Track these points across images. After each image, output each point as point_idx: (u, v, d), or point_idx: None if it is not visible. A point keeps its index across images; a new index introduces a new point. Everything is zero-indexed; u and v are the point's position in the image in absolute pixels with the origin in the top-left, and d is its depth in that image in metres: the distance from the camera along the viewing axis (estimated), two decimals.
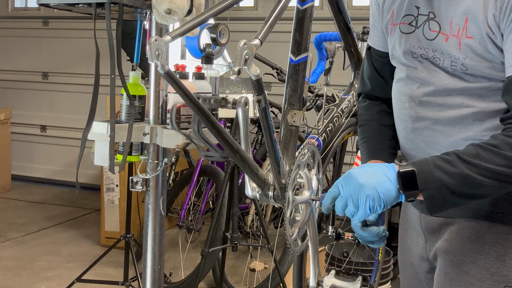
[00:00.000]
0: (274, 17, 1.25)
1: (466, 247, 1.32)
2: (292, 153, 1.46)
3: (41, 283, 3.35)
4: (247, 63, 1.10)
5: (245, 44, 1.10)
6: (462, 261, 1.32)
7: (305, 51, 1.44)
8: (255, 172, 1.35)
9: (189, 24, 1.18)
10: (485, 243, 1.29)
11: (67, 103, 5.59)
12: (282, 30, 1.48)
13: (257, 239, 3.51)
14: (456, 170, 1.12)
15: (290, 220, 1.39)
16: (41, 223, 4.46)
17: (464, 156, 1.13)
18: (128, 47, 2.32)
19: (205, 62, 1.88)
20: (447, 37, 1.25)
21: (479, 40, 1.19)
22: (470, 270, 1.31)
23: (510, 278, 1.27)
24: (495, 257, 1.28)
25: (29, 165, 5.79)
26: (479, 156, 1.12)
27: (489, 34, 1.18)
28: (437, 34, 1.28)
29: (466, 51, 1.22)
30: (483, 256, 1.29)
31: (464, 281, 1.31)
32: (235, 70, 1.09)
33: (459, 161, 1.13)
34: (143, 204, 1.99)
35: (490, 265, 1.28)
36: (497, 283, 1.28)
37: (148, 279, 1.97)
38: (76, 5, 1.80)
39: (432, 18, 1.28)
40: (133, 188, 1.92)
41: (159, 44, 1.07)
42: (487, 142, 1.15)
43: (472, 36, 1.20)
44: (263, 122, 1.29)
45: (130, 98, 1.82)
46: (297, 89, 1.47)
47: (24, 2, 5.92)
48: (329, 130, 1.79)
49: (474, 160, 1.12)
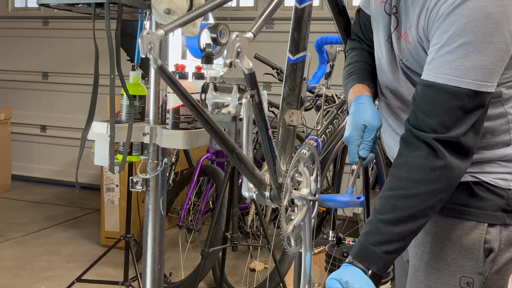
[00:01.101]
0: (269, 11, 1.23)
1: (427, 239, 1.35)
2: (289, 153, 1.45)
3: (41, 283, 3.35)
4: (240, 56, 1.07)
5: (237, 37, 1.07)
6: (423, 252, 1.35)
7: (303, 50, 1.43)
8: (251, 171, 1.33)
9: (182, 19, 1.16)
10: (442, 234, 1.32)
11: (67, 103, 5.58)
12: (282, 30, 1.48)
13: (257, 239, 3.51)
14: (387, 236, 1.19)
15: (286, 217, 1.38)
16: (41, 223, 4.46)
17: (384, 217, 1.20)
18: (128, 47, 2.33)
19: (205, 62, 1.88)
20: (400, 36, 1.31)
21: (414, 47, 1.26)
22: (429, 260, 1.34)
23: (466, 268, 1.30)
24: (451, 248, 1.31)
25: (29, 165, 5.79)
26: (396, 208, 1.19)
27: (420, 42, 1.24)
28: (394, 29, 1.32)
29: (407, 54, 1.28)
30: (439, 246, 1.33)
31: (425, 272, 1.35)
32: (227, 62, 1.06)
33: (384, 226, 1.20)
34: (143, 204, 1.99)
35: (447, 255, 1.32)
36: (453, 273, 1.31)
37: (148, 279, 1.97)
38: (76, 5, 1.80)
39: (394, 13, 1.32)
40: (133, 188, 1.92)
41: (151, 37, 1.04)
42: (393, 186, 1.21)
43: (411, 42, 1.26)
44: (257, 118, 1.27)
45: (129, 98, 1.82)
46: (295, 88, 1.45)
47: (24, 2, 5.92)
48: (329, 132, 1.78)
49: (394, 215, 1.19)
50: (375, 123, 1.32)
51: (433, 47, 1.18)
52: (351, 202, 1.34)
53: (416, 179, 1.18)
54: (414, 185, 1.18)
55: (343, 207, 1.43)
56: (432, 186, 1.18)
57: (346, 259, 1.24)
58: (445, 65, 1.16)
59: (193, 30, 1.76)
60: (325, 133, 1.76)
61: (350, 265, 1.21)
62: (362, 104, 1.35)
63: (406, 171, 1.20)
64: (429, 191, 1.18)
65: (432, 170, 1.17)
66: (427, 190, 1.18)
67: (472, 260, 1.29)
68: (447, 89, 1.15)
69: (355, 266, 1.20)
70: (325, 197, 1.41)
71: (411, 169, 1.19)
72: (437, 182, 1.18)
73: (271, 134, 1.32)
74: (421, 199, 1.18)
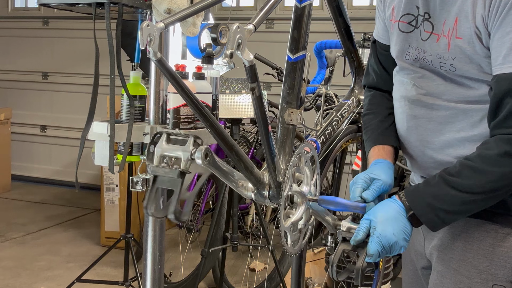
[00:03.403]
0: (270, 5, 1.23)
1: (456, 245, 1.32)
2: (289, 152, 1.44)
3: (41, 283, 3.35)
4: (240, 48, 1.06)
5: (238, 28, 1.06)
6: (452, 258, 1.33)
7: (303, 49, 1.43)
8: (250, 169, 1.31)
9: (184, 12, 1.14)
10: (473, 241, 1.29)
11: (67, 103, 5.59)
12: (282, 30, 1.47)
13: (257, 239, 3.51)
14: (443, 192, 1.19)
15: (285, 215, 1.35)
16: (41, 223, 4.46)
17: (447, 178, 1.20)
18: (128, 47, 2.32)
19: (206, 62, 1.88)
20: (438, 37, 1.27)
21: (468, 40, 1.21)
22: (459, 267, 1.31)
23: (498, 277, 1.27)
24: (484, 255, 1.29)
25: (29, 165, 5.79)
26: (461, 174, 1.19)
27: (477, 34, 1.20)
28: (430, 34, 1.29)
29: (455, 51, 1.24)
30: (471, 254, 1.30)
31: (453, 279, 1.32)
32: (227, 53, 1.04)
33: (443, 184, 1.20)
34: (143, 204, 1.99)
35: (479, 263, 1.29)
36: (485, 281, 1.28)
37: (148, 279, 1.97)
38: (76, 5, 1.80)
39: (427, 19, 1.30)
40: (133, 188, 1.91)
41: (151, 29, 1.02)
42: (470, 157, 1.20)
43: (462, 37, 1.22)
44: (257, 112, 1.24)
45: (130, 98, 1.82)
46: (295, 87, 1.45)
47: (24, 2, 5.92)
48: (328, 134, 1.77)
49: (457, 180, 1.19)
50: (387, 180, 1.31)
51: (505, 36, 1.14)
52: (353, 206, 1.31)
53: (491, 160, 1.16)
54: (486, 164, 1.17)
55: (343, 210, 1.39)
56: (503, 169, 1.16)
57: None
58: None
59: (194, 30, 1.76)
60: (324, 134, 1.75)
61: (395, 200, 1.22)
62: (380, 163, 1.36)
63: (486, 149, 1.18)
64: (498, 172, 1.16)
65: (506, 156, 1.15)
66: (497, 171, 1.16)
67: (505, 269, 1.27)
68: None
69: (401, 201, 1.21)
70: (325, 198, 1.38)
71: (490, 147, 1.17)
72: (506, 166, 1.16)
73: (271, 131, 1.30)
74: (486, 177, 1.16)
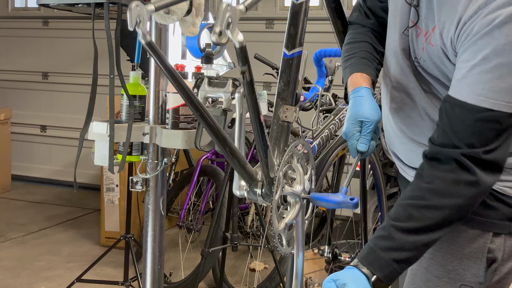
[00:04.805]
0: None
1: None
2: (283, 149, 1.42)
3: (41, 283, 3.35)
4: (230, 28, 1.00)
5: (228, 6, 1.00)
6: (423, 257, 1.31)
7: (299, 46, 1.42)
8: (242, 165, 1.29)
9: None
10: (443, 241, 1.28)
11: (67, 103, 5.58)
12: (282, 30, 1.47)
13: (257, 239, 3.51)
14: (399, 242, 1.16)
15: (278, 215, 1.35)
16: (41, 223, 4.45)
17: (398, 224, 1.17)
18: (128, 47, 2.32)
19: (205, 62, 1.88)
20: (420, 33, 1.26)
21: (437, 51, 1.21)
22: (428, 266, 1.32)
23: (466, 277, 1.27)
24: (453, 255, 1.29)
25: (29, 165, 5.78)
26: (412, 217, 1.16)
27: (443, 50, 1.19)
28: (414, 25, 1.27)
29: (426, 55, 1.24)
30: (441, 253, 1.30)
31: (423, 277, 1.33)
32: (216, 30, 0.98)
33: (397, 232, 1.16)
34: (143, 204, 1.99)
35: (447, 263, 1.29)
36: (453, 281, 1.28)
37: (148, 279, 1.97)
38: (75, 5, 1.80)
39: (415, 6, 1.26)
40: (133, 188, 1.92)
41: (140, 11, 0.95)
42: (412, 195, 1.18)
43: (433, 45, 1.21)
44: (248, 98, 1.20)
45: (129, 98, 1.82)
46: (290, 83, 1.43)
47: (24, 2, 5.92)
48: (325, 136, 1.77)
49: (410, 224, 1.16)
50: (373, 117, 1.28)
51: (465, 63, 1.12)
52: (344, 203, 1.31)
53: (440, 191, 1.15)
54: (436, 197, 1.15)
55: (335, 207, 1.39)
56: (456, 200, 1.14)
57: (351, 262, 1.19)
58: (478, 85, 1.10)
59: (193, 30, 1.76)
60: (321, 137, 1.74)
61: (353, 268, 1.17)
62: (360, 97, 1.31)
63: (428, 182, 1.16)
64: (451, 205, 1.14)
65: (457, 184, 1.13)
66: (449, 204, 1.14)
67: (473, 269, 1.27)
68: (480, 111, 1.10)
69: (359, 270, 1.16)
70: (317, 196, 1.38)
71: (434, 180, 1.15)
72: (461, 196, 1.14)
73: (263, 120, 1.26)
74: (442, 212, 1.15)
